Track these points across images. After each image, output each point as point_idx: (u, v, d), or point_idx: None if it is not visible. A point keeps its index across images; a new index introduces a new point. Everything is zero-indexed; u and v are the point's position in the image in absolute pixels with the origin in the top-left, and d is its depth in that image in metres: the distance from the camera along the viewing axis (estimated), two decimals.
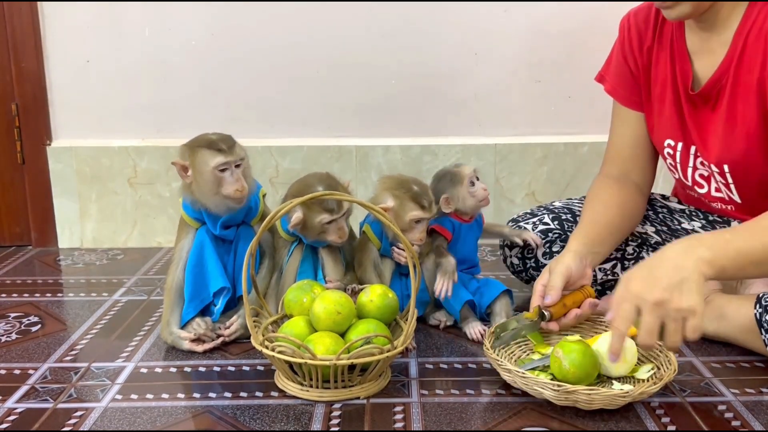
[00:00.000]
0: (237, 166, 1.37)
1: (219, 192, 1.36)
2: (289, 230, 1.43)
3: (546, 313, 1.28)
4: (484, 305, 1.50)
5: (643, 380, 1.22)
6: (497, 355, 1.25)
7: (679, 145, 1.45)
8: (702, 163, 1.43)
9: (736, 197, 1.42)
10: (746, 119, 1.33)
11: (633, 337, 1.16)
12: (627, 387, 1.19)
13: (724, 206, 1.47)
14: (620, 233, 1.51)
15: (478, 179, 1.50)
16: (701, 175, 1.46)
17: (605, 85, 1.58)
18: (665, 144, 1.48)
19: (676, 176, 1.52)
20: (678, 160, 1.47)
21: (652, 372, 1.24)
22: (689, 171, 1.47)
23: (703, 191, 1.48)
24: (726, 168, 1.38)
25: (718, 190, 1.45)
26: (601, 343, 1.23)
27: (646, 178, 1.57)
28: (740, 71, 1.32)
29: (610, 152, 1.58)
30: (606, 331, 1.29)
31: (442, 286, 1.42)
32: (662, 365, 1.23)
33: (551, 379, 1.18)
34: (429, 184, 1.51)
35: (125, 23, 2.03)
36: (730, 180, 1.40)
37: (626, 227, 1.53)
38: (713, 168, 1.40)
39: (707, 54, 1.37)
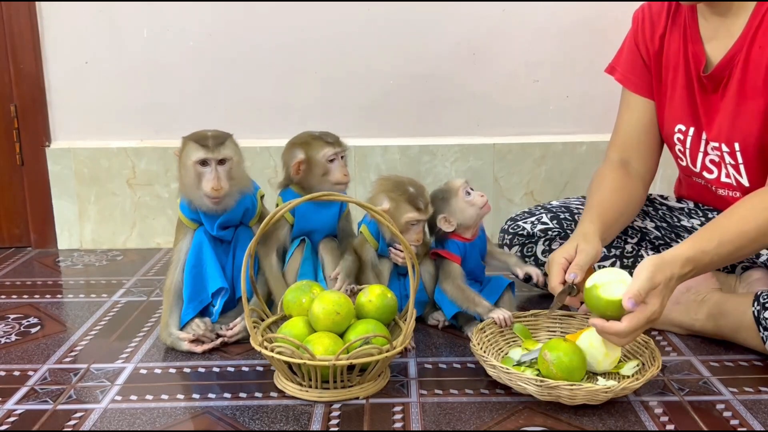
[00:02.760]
0: (220, 163, 1.36)
1: (200, 187, 1.36)
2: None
3: (574, 288, 1.28)
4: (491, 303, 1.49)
5: (628, 376, 1.24)
6: (483, 350, 1.26)
7: (691, 130, 1.46)
8: (713, 148, 1.43)
9: (744, 181, 1.42)
10: (757, 96, 1.34)
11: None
12: (611, 383, 1.20)
13: (731, 193, 1.47)
14: (626, 219, 1.52)
15: (472, 189, 1.47)
16: (711, 161, 1.46)
17: (615, 74, 1.58)
18: (676, 129, 1.49)
19: (684, 163, 1.53)
20: (688, 145, 1.48)
21: (637, 368, 1.25)
22: (699, 156, 1.47)
23: (712, 177, 1.48)
24: (737, 146, 1.39)
25: (727, 176, 1.45)
26: (586, 338, 1.24)
27: (649, 167, 1.58)
28: (752, 49, 1.33)
29: (616, 139, 1.59)
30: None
31: (501, 316, 1.38)
32: (647, 362, 1.25)
33: (537, 375, 1.19)
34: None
35: (123, 24, 2.02)
36: (740, 160, 1.40)
37: (630, 214, 1.54)
38: (724, 148, 1.41)
39: (721, 38, 1.38)
